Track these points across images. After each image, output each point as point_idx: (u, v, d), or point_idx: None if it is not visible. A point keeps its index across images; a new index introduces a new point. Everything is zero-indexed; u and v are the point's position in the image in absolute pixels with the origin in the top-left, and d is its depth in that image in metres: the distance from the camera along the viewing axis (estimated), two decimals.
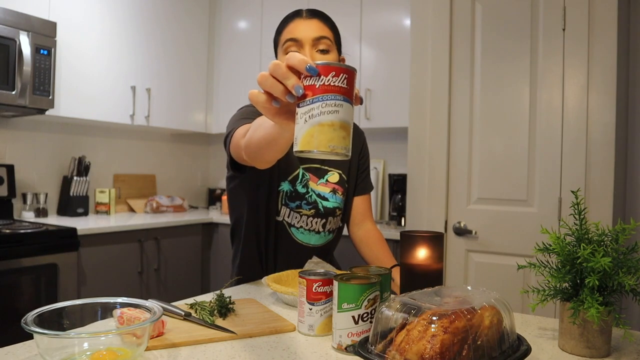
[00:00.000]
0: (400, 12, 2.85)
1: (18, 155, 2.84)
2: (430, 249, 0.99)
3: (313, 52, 1.18)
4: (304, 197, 1.31)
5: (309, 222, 1.33)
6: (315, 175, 1.33)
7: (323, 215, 1.34)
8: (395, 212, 2.86)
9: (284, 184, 1.30)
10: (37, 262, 2.26)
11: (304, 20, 1.20)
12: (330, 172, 1.35)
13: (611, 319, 0.83)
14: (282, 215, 1.32)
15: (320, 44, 1.19)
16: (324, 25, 1.22)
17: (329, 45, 1.20)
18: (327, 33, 1.21)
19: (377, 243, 1.40)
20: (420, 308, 0.71)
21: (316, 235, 1.36)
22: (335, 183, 1.36)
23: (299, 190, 1.31)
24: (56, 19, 2.60)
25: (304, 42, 1.18)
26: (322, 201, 1.33)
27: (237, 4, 3.54)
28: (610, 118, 2.01)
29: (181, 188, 3.83)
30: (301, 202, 1.31)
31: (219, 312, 1.02)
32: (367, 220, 1.45)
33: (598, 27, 2.02)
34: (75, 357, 0.75)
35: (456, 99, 2.33)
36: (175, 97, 3.36)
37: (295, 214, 1.32)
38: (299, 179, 1.31)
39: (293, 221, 1.33)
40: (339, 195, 1.36)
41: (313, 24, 1.20)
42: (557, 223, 2.07)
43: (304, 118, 0.61)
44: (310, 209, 1.32)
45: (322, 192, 1.33)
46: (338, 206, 1.36)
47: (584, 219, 0.88)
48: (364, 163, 1.46)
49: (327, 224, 1.36)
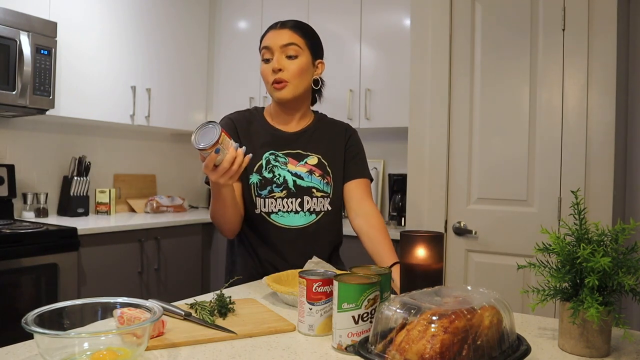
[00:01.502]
0: (400, 12, 2.85)
1: (18, 155, 2.84)
2: (430, 249, 0.99)
3: (281, 58, 1.35)
4: (272, 181, 1.39)
5: (284, 203, 1.39)
6: (295, 159, 1.42)
7: (295, 194, 1.39)
8: (395, 212, 2.87)
9: (252, 177, 1.39)
10: (38, 262, 2.26)
11: (276, 31, 1.38)
12: (310, 155, 1.44)
13: (611, 318, 0.83)
14: (259, 206, 1.39)
15: (288, 50, 1.35)
16: (294, 33, 1.37)
17: (296, 51, 1.36)
18: (295, 40, 1.36)
19: (378, 234, 1.39)
20: (420, 308, 0.71)
21: (296, 216, 1.40)
22: (313, 165, 1.43)
23: (266, 176, 1.39)
24: (56, 19, 2.60)
25: (274, 49, 1.36)
26: (295, 179, 1.40)
27: (237, 4, 3.54)
28: (610, 118, 2.01)
29: (181, 188, 3.83)
30: (271, 187, 1.39)
31: (219, 312, 1.02)
32: (365, 204, 1.44)
33: (598, 26, 2.02)
34: (76, 357, 0.75)
35: (456, 98, 2.33)
36: (176, 97, 3.36)
37: (269, 200, 1.38)
38: (263, 167, 1.39)
39: (270, 208, 1.39)
40: (316, 176, 1.42)
41: (282, 33, 1.36)
42: (557, 223, 2.07)
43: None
44: (281, 190, 1.39)
45: (299, 171, 1.41)
46: (314, 186, 1.41)
47: (584, 219, 0.88)
48: (352, 152, 1.50)
49: (304, 203, 1.40)
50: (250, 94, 3.40)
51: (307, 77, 1.39)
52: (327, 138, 1.47)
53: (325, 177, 1.43)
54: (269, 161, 1.40)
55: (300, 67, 1.35)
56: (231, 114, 1.48)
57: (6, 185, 2.67)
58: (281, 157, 1.41)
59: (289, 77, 1.35)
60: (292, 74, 1.35)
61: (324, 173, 1.43)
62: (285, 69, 1.34)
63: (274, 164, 1.40)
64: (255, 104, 3.38)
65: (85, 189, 3.00)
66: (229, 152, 1.10)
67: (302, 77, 1.37)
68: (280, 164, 1.40)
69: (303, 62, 1.36)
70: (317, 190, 1.42)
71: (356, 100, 2.99)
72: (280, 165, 1.40)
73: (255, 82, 3.38)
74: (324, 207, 1.43)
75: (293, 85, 1.35)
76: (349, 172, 1.48)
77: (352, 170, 1.48)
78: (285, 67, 1.34)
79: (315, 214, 1.42)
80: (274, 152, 1.41)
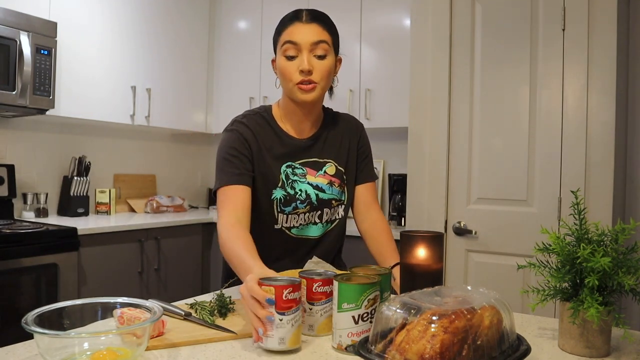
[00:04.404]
0: (400, 12, 2.85)
1: (18, 155, 2.84)
2: (430, 249, 0.99)
3: (310, 57, 1.22)
4: (295, 198, 1.32)
5: (306, 217, 1.35)
6: (313, 169, 1.35)
7: (317, 207, 1.35)
8: (395, 212, 2.87)
9: (275, 192, 1.31)
10: (38, 262, 2.26)
11: (303, 25, 1.23)
12: (328, 163, 1.37)
13: (611, 318, 0.83)
14: (280, 222, 1.33)
15: (317, 49, 1.23)
16: (323, 29, 1.25)
17: (326, 50, 1.24)
18: (326, 37, 1.24)
19: (381, 236, 1.39)
20: (420, 308, 0.71)
21: (314, 227, 1.37)
22: (332, 175, 1.38)
23: (289, 192, 1.32)
24: (56, 19, 2.60)
25: (302, 47, 1.22)
26: (318, 192, 1.34)
27: (237, 4, 3.54)
28: (609, 118, 2.01)
29: (181, 188, 3.83)
30: (295, 203, 1.32)
31: (219, 312, 1.02)
32: (372, 210, 1.44)
33: (598, 26, 2.02)
34: (76, 357, 0.75)
35: (456, 98, 2.33)
36: (176, 97, 3.36)
37: (292, 217, 1.33)
38: (285, 182, 1.32)
39: (292, 223, 1.34)
40: (336, 187, 1.38)
41: (312, 29, 1.23)
42: (557, 223, 2.07)
43: (290, 323, 0.84)
44: (305, 206, 1.33)
45: (320, 183, 1.35)
46: (334, 198, 1.38)
47: (584, 219, 0.88)
48: (364, 152, 1.47)
49: (323, 215, 1.37)
50: (250, 94, 3.40)
51: (332, 78, 1.31)
52: (340, 138, 1.42)
53: (342, 185, 1.40)
54: (287, 175, 1.33)
55: (329, 68, 1.25)
56: (243, 118, 1.33)
57: (6, 185, 2.67)
58: (298, 169, 1.34)
59: (319, 79, 1.23)
60: (321, 75, 1.23)
61: (342, 182, 1.39)
62: (315, 70, 1.22)
63: (292, 178, 1.33)
64: (255, 104, 3.37)
65: (85, 189, 3.00)
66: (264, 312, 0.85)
67: (329, 79, 1.28)
68: (299, 177, 1.33)
69: (331, 62, 1.26)
70: (336, 200, 1.38)
71: (356, 100, 2.99)
72: (299, 178, 1.33)
73: (255, 82, 3.38)
74: (339, 214, 1.40)
75: (321, 87, 1.25)
76: (360, 175, 1.45)
77: (362, 173, 1.45)
78: (315, 68, 1.22)
79: (330, 223, 1.39)
80: (291, 164, 1.33)
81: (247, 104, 3.38)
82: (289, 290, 0.83)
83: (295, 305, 0.84)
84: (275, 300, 0.83)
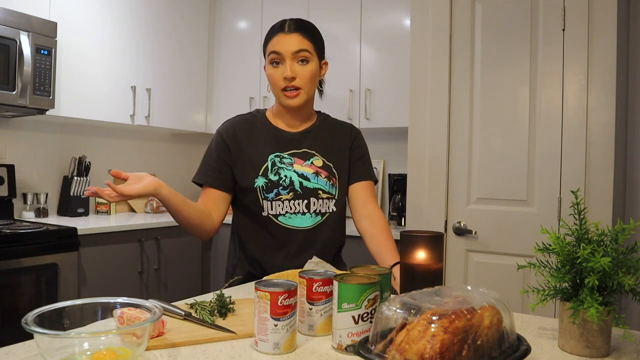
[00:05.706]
0: (400, 12, 2.85)
1: (18, 155, 2.84)
2: (430, 249, 0.99)
3: (293, 64, 1.35)
4: (278, 183, 1.39)
5: (291, 205, 1.39)
6: (301, 158, 1.42)
7: (302, 195, 1.40)
8: (395, 212, 2.87)
9: (257, 180, 1.39)
10: (38, 262, 2.26)
11: (285, 35, 1.36)
12: (316, 156, 1.44)
13: (611, 318, 0.83)
14: (266, 209, 1.39)
15: (299, 56, 1.35)
16: (304, 38, 1.36)
17: (307, 56, 1.36)
18: (306, 45, 1.36)
19: (380, 234, 1.40)
20: (420, 308, 0.71)
21: (303, 217, 1.40)
22: (319, 167, 1.43)
23: (272, 179, 1.39)
24: (56, 19, 2.60)
25: (284, 56, 1.35)
26: (302, 180, 1.40)
27: (237, 4, 3.54)
28: (609, 118, 2.01)
29: (181, 188, 3.81)
30: (278, 189, 1.39)
31: (219, 312, 1.02)
32: (369, 207, 1.46)
33: (598, 27, 2.02)
34: (76, 357, 0.75)
35: (456, 98, 2.33)
36: (175, 97, 3.36)
37: (276, 203, 1.38)
38: (269, 170, 1.39)
39: (277, 210, 1.39)
40: (322, 178, 1.42)
41: (292, 38, 1.35)
42: (557, 223, 2.07)
43: (285, 328, 0.85)
44: (288, 193, 1.39)
45: (305, 172, 1.41)
46: (320, 188, 1.41)
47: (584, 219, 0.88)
48: (358, 153, 1.50)
49: (310, 205, 1.41)
50: (250, 94, 3.40)
51: (316, 81, 1.42)
52: (332, 138, 1.48)
53: (331, 178, 1.44)
54: (274, 163, 1.40)
55: (311, 73, 1.37)
56: (233, 118, 1.48)
57: (6, 185, 2.67)
58: (286, 158, 1.41)
59: (302, 84, 1.36)
60: (304, 80, 1.36)
61: (330, 175, 1.44)
62: (298, 75, 1.35)
63: (279, 165, 1.40)
64: (255, 104, 3.38)
65: (85, 188, 3.00)
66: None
67: (313, 82, 1.39)
68: (286, 165, 1.40)
69: (313, 67, 1.38)
70: (323, 191, 1.42)
71: (356, 100, 2.99)
72: (285, 166, 1.40)
73: (255, 82, 3.38)
74: (329, 208, 1.43)
75: (305, 92, 1.37)
76: (355, 174, 1.48)
77: (357, 172, 1.49)
78: (297, 74, 1.35)
79: (320, 215, 1.42)
80: (279, 154, 1.41)
81: (247, 104, 3.38)
82: (285, 296, 0.83)
83: (290, 310, 0.84)
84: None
